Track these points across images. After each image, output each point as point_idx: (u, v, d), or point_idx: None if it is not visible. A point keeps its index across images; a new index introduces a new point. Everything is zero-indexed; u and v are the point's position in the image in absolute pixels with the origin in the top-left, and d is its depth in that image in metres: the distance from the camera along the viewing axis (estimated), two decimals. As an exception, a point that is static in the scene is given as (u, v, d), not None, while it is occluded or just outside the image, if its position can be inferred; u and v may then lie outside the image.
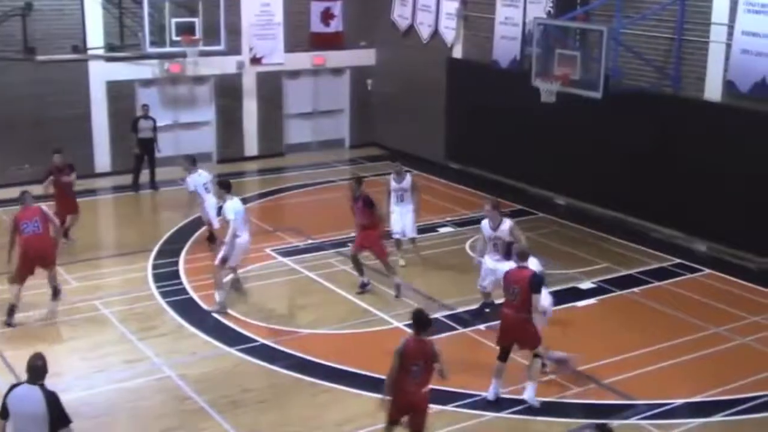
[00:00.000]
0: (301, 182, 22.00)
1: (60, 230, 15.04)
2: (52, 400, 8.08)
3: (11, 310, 13.57)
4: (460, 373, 12.10)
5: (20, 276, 13.64)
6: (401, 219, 16.11)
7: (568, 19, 18.50)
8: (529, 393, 11.28)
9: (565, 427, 10.91)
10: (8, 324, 13.49)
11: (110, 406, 11.32)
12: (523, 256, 11.31)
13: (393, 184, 16.21)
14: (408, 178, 16.37)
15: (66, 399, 11.29)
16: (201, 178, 16.68)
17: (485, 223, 13.61)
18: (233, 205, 14.08)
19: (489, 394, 11.44)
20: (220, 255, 14.13)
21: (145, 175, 21.14)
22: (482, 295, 14.02)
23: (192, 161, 16.88)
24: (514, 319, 11.13)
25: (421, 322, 9.38)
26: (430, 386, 9.49)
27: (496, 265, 13.29)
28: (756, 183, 16.06)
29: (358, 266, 14.93)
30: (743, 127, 16.36)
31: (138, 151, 20.95)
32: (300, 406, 11.34)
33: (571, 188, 19.87)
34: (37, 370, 8.11)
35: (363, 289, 14.92)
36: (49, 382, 11.73)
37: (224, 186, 14.44)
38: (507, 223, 13.43)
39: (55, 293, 13.95)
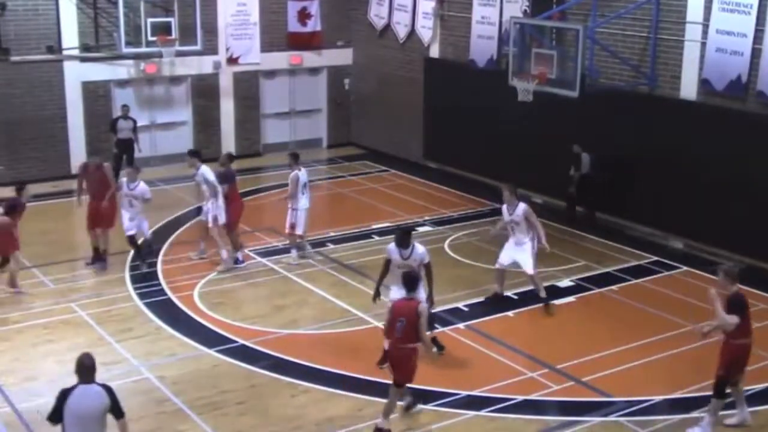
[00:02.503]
0: (279, 182, 21.91)
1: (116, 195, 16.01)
2: (112, 392, 8.18)
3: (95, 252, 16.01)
4: (440, 372, 12.15)
5: (88, 226, 15.98)
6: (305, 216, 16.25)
7: (545, 18, 18.55)
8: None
9: (544, 424, 10.96)
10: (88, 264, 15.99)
11: (87, 408, 11.22)
12: (733, 277, 10.28)
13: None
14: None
15: (41, 403, 11.27)
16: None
17: (504, 208, 14.27)
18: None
19: None
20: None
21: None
22: (495, 272, 14.53)
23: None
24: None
25: (408, 282, 10.50)
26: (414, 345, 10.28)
27: (514, 248, 14.20)
28: (731, 180, 16.19)
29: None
30: (718, 126, 16.48)
31: (116, 151, 20.83)
32: (279, 406, 11.30)
33: (548, 186, 19.93)
34: (89, 368, 8.18)
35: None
36: (24, 387, 11.72)
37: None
38: (521, 207, 14.04)
39: (103, 253, 15.90)
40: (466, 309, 14.28)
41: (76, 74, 21.79)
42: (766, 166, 15.74)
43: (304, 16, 24.54)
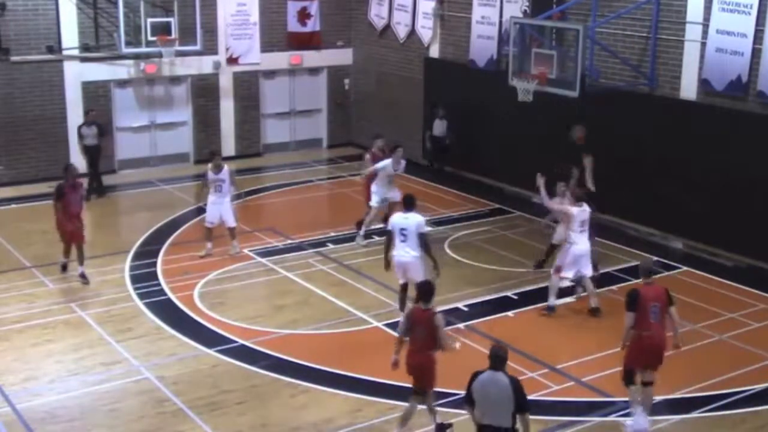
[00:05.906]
0: (279, 182, 21.94)
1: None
2: (517, 385, 8.63)
3: None
4: (440, 372, 12.11)
5: None
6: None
7: (545, 18, 18.54)
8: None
9: (544, 425, 10.95)
10: None
11: (87, 409, 11.24)
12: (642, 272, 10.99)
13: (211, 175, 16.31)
14: (225, 169, 16.35)
15: (41, 402, 11.33)
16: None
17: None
18: None
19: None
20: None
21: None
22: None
23: None
24: None
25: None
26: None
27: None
28: (731, 180, 16.19)
29: None
30: (718, 126, 16.48)
31: (85, 159, 20.32)
32: (278, 406, 11.31)
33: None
34: (500, 358, 8.69)
35: None
36: (24, 387, 11.72)
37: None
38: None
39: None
40: (466, 309, 14.27)
41: (76, 74, 21.78)
42: (766, 166, 15.74)
43: (304, 16, 24.54)
